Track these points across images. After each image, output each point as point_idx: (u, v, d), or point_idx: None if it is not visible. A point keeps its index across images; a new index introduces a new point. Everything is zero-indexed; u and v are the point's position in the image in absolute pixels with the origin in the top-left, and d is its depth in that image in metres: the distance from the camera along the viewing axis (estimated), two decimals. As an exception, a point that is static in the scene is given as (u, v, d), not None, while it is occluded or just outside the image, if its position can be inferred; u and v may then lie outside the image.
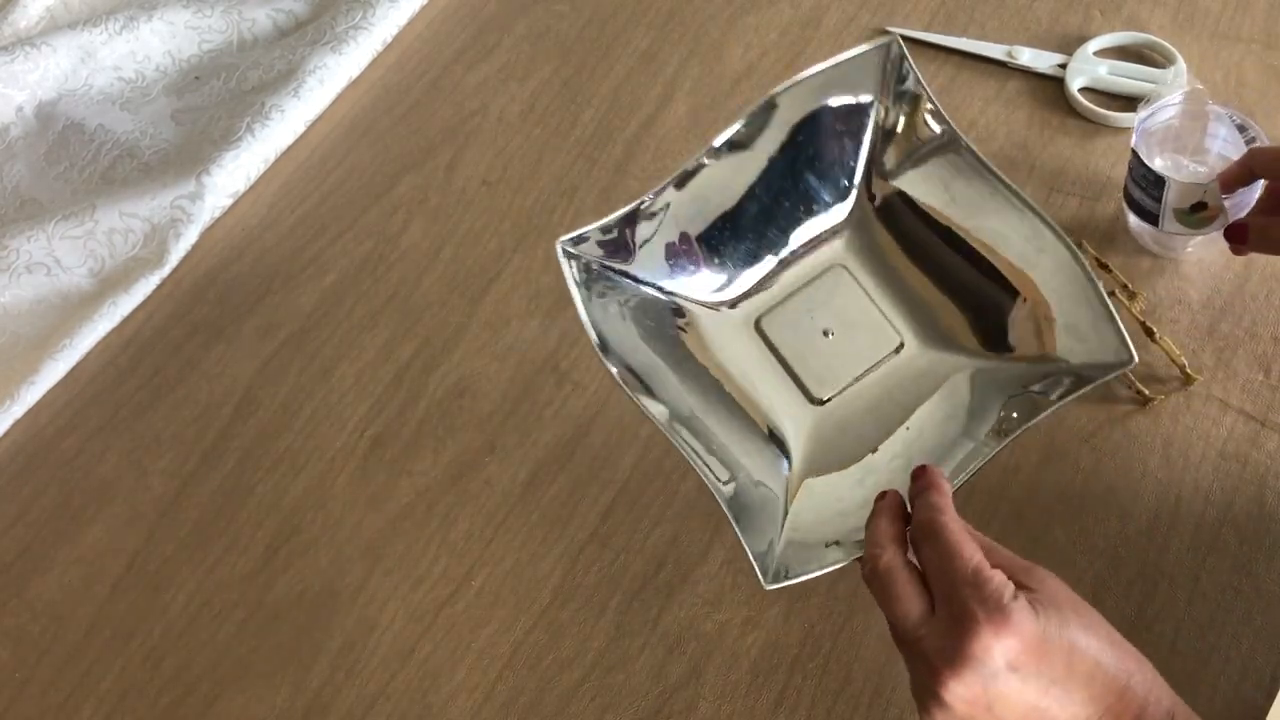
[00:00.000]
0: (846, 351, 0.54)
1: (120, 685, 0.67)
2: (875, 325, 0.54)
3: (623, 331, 0.53)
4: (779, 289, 0.55)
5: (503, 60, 0.92)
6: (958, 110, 0.83)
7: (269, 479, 0.73)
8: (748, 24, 0.92)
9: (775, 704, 0.63)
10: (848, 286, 0.55)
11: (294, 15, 0.96)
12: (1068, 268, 0.52)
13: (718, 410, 0.54)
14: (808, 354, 0.54)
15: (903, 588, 0.45)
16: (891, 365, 0.54)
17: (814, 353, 0.54)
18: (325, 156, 0.88)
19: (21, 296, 0.81)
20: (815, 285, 0.55)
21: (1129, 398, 0.70)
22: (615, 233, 0.53)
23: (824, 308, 0.54)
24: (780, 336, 0.54)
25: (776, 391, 0.54)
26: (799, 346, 0.54)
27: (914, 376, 0.54)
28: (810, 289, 0.54)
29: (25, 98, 0.91)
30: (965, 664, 0.42)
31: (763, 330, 0.54)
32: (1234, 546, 0.65)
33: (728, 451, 0.53)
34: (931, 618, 0.44)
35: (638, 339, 0.53)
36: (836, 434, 0.54)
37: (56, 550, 0.72)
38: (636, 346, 0.53)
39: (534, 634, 0.66)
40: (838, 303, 0.54)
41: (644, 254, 0.54)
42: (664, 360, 0.54)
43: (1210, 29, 0.86)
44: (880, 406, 0.54)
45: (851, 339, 0.54)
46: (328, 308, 0.80)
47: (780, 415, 0.54)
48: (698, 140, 0.85)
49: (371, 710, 0.64)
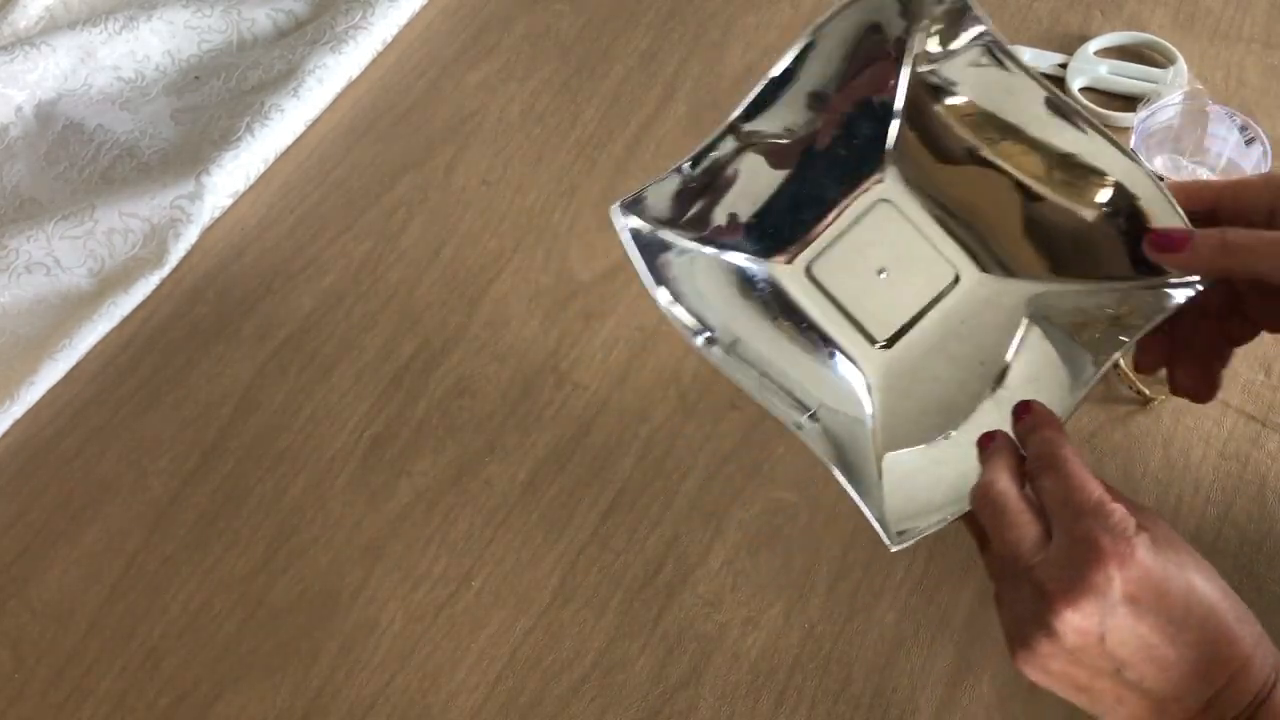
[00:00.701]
0: (904, 289, 0.52)
1: (120, 685, 0.67)
2: (928, 260, 0.52)
3: (685, 291, 0.51)
4: (828, 233, 0.52)
5: (503, 60, 0.92)
6: (958, 110, 0.84)
7: (269, 479, 0.73)
8: (748, 24, 0.92)
9: (775, 704, 0.63)
10: (895, 221, 0.52)
11: (294, 15, 0.96)
12: (1142, 185, 0.49)
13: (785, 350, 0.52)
14: (863, 295, 0.52)
15: (1018, 515, 0.44)
16: (958, 299, 0.52)
17: (869, 294, 0.52)
18: (325, 156, 0.88)
19: (21, 296, 0.81)
20: (861, 225, 0.52)
21: (1129, 398, 0.70)
22: (659, 197, 0.51)
23: (876, 244, 0.52)
24: (833, 280, 0.52)
25: (841, 338, 0.52)
26: (854, 288, 0.52)
27: (985, 313, 0.52)
28: (859, 228, 0.52)
29: (25, 97, 0.91)
30: (1085, 592, 0.41)
31: (814, 277, 0.52)
32: (1234, 546, 0.65)
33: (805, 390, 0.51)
34: (1047, 545, 0.43)
35: (697, 298, 0.51)
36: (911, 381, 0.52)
37: (56, 550, 0.72)
38: (700, 305, 0.51)
39: (534, 634, 0.66)
40: (888, 240, 0.52)
41: (694, 216, 0.52)
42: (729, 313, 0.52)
43: (1211, 29, 0.86)
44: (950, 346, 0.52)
45: (908, 275, 0.51)
46: (327, 308, 0.80)
47: (847, 364, 0.52)
48: (697, 140, 0.85)
49: (371, 710, 0.64)
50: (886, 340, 0.52)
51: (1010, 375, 0.51)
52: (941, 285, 0.52)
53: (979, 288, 0.52)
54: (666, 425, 0.72)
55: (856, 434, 0.50)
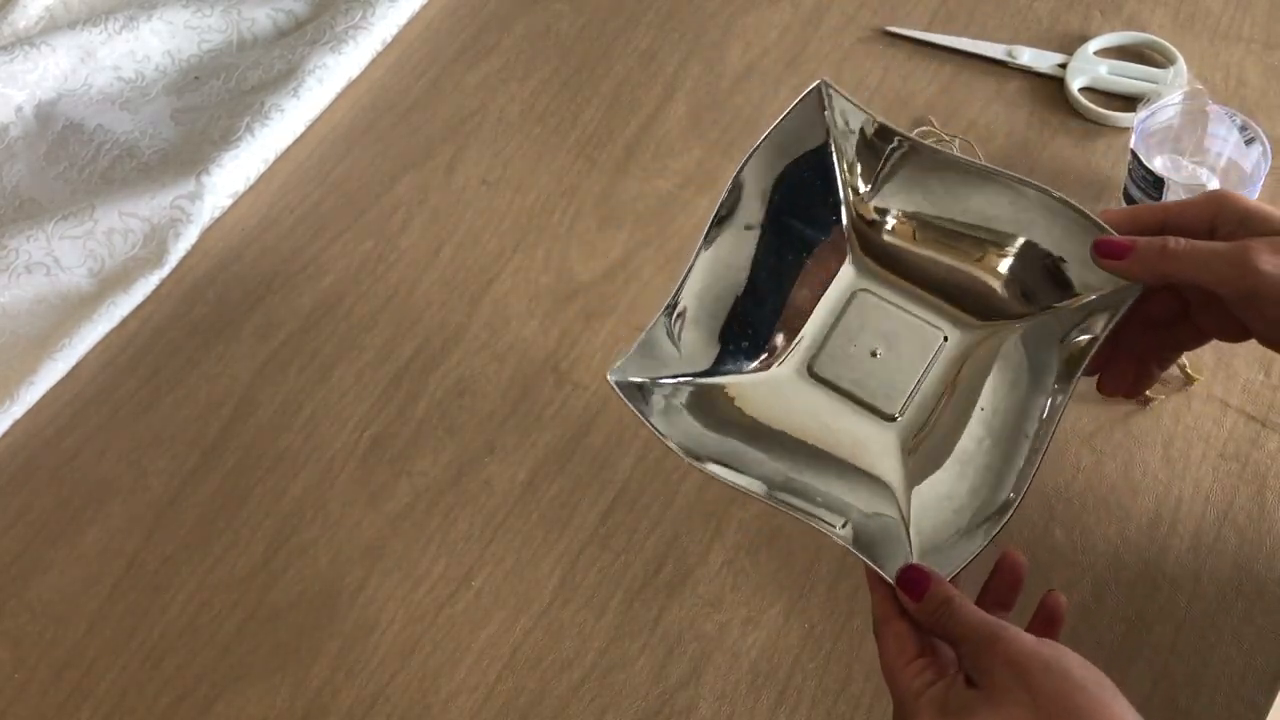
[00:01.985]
0: (900, 363, 0.55)
1: (120, 685, 0.67)
2: (915, 329, 0.56)
3: (691, 429, 0.54)
4: (816, 332, 0.57)
5: (503, 60, 0.92)
6: (958, 110, 0.84)
7: (269, 479, 0.73)
8: (748, 24, 0.92)
9: (775, 704, 0.63)
10: (875, 306, 0.57)
11: (294, 15, 0.96)
12: (1058, 212, 0.54)
13: (807, 464, 0.55)
14: (866, 379, 0.56)
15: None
16: (945, 358, 0.56)
17: (871, 376, 0.56)
18: (325, 156, 0.88)
19: (21, 296, 0.81)
20: (846, 317, 0.57)
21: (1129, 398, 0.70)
22: (652, 346, 0.54)
23: (863, 332, 0.56)
24: (835, 373, 0.56)
25: (854, 424, 0.56)
26: (855, 375, 0.56)
27: (970, 360, 0.56)
28: (844, 321, 0.56)
29: (25, 97, 0.91)
30: None
31: (816, 374, 0.56)
32: (1234, 546, 0.65)
33: (833, 498, 0.54)
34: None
35: (705, 430, 0.54)
36: (922, 439, 0.55)
37: (56, 550, 0.72)
38: (706, 436, 0.54)
39: (534, 634, 0.66)
40: (873, 323, 0.56)
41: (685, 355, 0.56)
42: (739, 439, 0.55)
43: (1211, 29, 0.86)
44: (951, 399, 0.55)
45: (899, 351, 0.56)
46: (327, 308, 0.80)
47: (866, 444, 0.55)
48: (697, 140, 0.85)
49: (371, 710, 0.64)
50: (900, 410, 0.55)
51: (989, 405, 0.55)
52: (934, 348, 0.56)
53: (966, 340, 0.56)
54: (666, 425, 0.72)
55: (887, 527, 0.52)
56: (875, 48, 0.88)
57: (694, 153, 0.84)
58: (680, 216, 0.81)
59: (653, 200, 0.82)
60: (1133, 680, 0.61)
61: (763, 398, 0.56)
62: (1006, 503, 0.51)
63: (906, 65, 0.87)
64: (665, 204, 0.82)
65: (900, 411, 0.55)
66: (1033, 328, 0.55)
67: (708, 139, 0.85)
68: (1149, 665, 0.62)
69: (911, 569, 0.48)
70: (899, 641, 0.48)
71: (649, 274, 0.79)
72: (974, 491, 0.52)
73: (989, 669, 0.45)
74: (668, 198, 0.82)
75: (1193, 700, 0.61)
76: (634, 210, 0.82)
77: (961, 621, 0.47)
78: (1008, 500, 0.51)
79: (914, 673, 0.46)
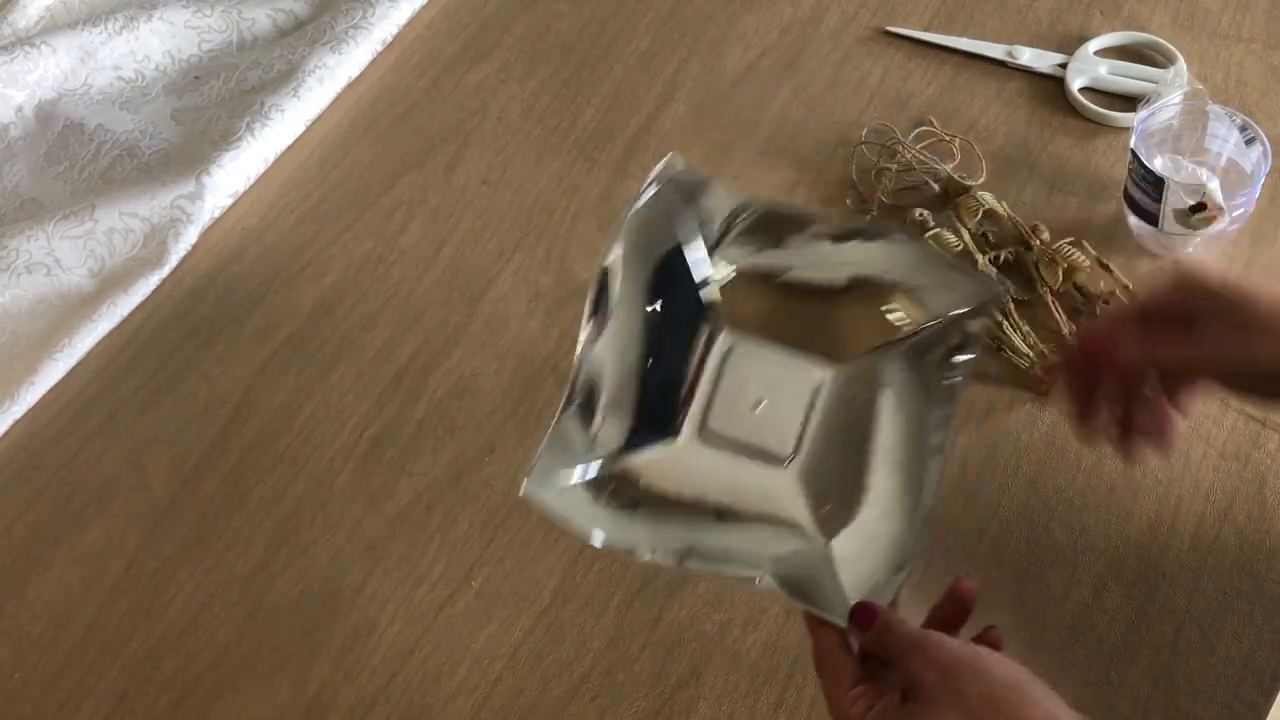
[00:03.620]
0: (784, 409, 0.58)
1: (120, 685, 0.67)
2: (792, 374, 0.58)
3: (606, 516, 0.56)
4: (704, 396, 0.58)
5: (503, 60, 0.92)
6: (958, 110, 0.84)
7: (269, 479, 0.73)
8: (748, 24, 0.92)
9: (775, 704, 0.63)
10: (752, 360, 0.59)
11: (294, 15, 0.96)
12: (900, 248, 0.58)
13: (721, 524, 0.57)
14: (756, 429, 0.58)
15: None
16: (827, 396, 0.58)
17: (761, 426, 0.58)
18: (325, 156, 0.88)
19: (21, 296, 0.81)
20: (727, 376, 0.58)
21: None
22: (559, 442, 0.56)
23: (745, 385, 0.58)
24: (728, 430, 0.58)
25: (756, 475, 0.58)
26: (746, 428, 0.58)
27: (853, 395, 0.58)
28: (725, 381, 0.58)
29: (25, 97, 0.91)
30: None
31: (711, 434, 0.58)
32: (1234, 546, 0.65)
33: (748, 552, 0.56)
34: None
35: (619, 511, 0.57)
36: (829, 483, 0.57)
37: (56, 550, 0.72)
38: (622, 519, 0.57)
39: (534, 634, 0.66)
40: (754, 377, 0.58)
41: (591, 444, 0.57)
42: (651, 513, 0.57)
43: (1210, 29, 0.86)
44: (845, 437, 0.58)
45: (781, 397, 0.58)
46: (328, 308, 0.80)
47: (771, 492, 0.57)
48: (697, 140, 0.85)
49: (371, 710, 0.64)
50: (792, 450, 0.57)
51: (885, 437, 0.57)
52: (812, 388, 0.58)
53: (842, 376, 0.58)
54: (666, 425, 0.72)
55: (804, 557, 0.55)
56: (875, 48, 0.88)
57: (694, 153, 0.84)
58: (680, 216, 0.81)
59: (653, 200, 0.82)
60: (1133, 680, 0.61)
61: (667, 470, 0.58)
62: (925, 520, 0.54)
63: (906, 65, 0.87)
64: (665, 204, 0.82)
65: (793, 451, 0.57)
66: (905, 352, 0.58)
67: (708, 139, 0.85)
68: (1149, 665, 0.62)
69: (860, 606, 0.51)
70: (838, 674, 0.50)
71: (649, 274, 0.79)
72: (893, 523, 0.54)
73: (920, 676, 0.47)
74: (668, 198, 0.82)
75: (1192, 700, 0.61)
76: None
77: (896, 635, 0.49)
78: (925, 517, 0.54)
79: (853, 699, 0.49)
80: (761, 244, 0.60)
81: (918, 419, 0.56)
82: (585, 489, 0.57)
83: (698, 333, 0.59)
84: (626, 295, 0.58)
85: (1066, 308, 0.72)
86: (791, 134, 0.84)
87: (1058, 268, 0.73)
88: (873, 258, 0.59)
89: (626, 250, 0.58)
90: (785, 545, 0.56)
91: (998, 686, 0.46)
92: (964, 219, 0.76)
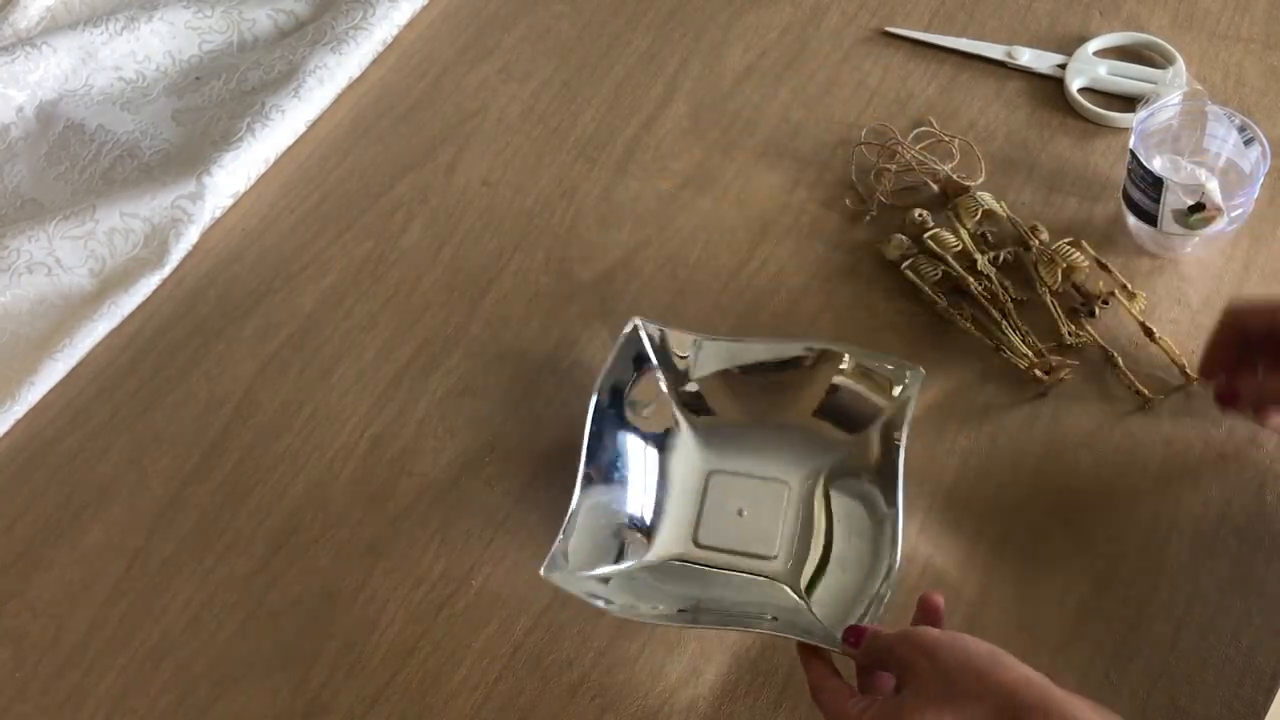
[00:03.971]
0: (763, 515, 0.67)
1: (120, 685, 0.67)
2: (765, 487, 0.68)
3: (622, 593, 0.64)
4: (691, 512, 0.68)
5: (503, 60, 0.92)
6: (957, 111, 0.84)
7: (269, 479, 0.73)
8: (748, 24, 0.92)
9: (775, 704, 0.63)
10: (730, 478, 0.68)
11: (294, 15, 0.96)
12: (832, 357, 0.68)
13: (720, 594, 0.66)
14: (741, 535, 0.67)
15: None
16: (795, 497, 0.68)
17: (745, 531, 0.67)
18: (325, 157, 0.88)
19: (22, 296, 0.81)
20: (710, 494, 0.68)
21: (1129, 398, 0.70)
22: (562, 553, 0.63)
23: (727, 500, 0.68)
24: (717, 539, 0.67)
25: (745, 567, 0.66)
26: (732, 535, 0.67)
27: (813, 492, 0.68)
28: (709, 498, 0.68)
29: (26, 98, 0.91)
30: None
31: (701, 544, 0.67)
32: (1234, 546, 0.65)
33: (751, 604, 0.64)
34: None
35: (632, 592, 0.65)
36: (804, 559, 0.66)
37: (56, 550, 0.72)
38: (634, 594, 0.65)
39: (534, 634, 0.66)
40: (733, 492, 0.68)
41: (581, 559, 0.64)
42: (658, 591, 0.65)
43: (1210, 29, 0.86)
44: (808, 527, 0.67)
45: (759, 507, 0.67)
46: (328, 308, 0.80)
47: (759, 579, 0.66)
48: (697, 140, 0.85)
49: (371, 710, 0.64)
50: (776, 550, 0.66)
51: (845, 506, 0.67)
52: (784, 496, 0.68)
53: (804, 474, 0.68)
54: (666, 425, 0.72)
55: (796, 615, 0.64)
56: (875, 48, 0.88)
57: (694, 153, 0.85)
58: (680, 216, 0.81)
59: (653, 200, 0.82)
60: (1132, 680, 0.61)
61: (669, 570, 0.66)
62: (890, 570, 0.60)
63: (906, 66, 0.87)
64: (665, 204, 0.82)
65: (777, 551, 0.66)
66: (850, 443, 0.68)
67: (708, 139, 0.85)
68: (1149, 665, 0.62)
69: (850, 629, 0.58)
70: (836, 693, 0.56)
71: (649, 274, 0.79)
72: (860, 575, 0.63)
73: (908, 659, 0.53)
74: (668, 198, 0.82)
75: (1192, 700, 0.61)
76: (634, 210, 0.82)
77: (884, 637, 0.56)
78: (890, 567, 0.61)
79: (852, 704, 0.54)
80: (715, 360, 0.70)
81: (866, 494, 0.65)
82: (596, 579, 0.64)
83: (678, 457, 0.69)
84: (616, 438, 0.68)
85: (1065, 308, 0.73)
86: (791, 134, 0.85)
87: (1057, 268, 0.73)
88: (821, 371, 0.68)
89: (606, 402, 0.68)
90: (779, 602, 0.64)
91: (973, 656, 0.51)
92: (963, 219, 0.76)
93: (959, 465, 0.69)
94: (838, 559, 0.65)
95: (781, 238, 0.79)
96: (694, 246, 0.80)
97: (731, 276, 0.78)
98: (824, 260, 0.78)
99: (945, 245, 0.75)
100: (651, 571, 0.66)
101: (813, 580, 0.65)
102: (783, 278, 0.77)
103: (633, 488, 0.68)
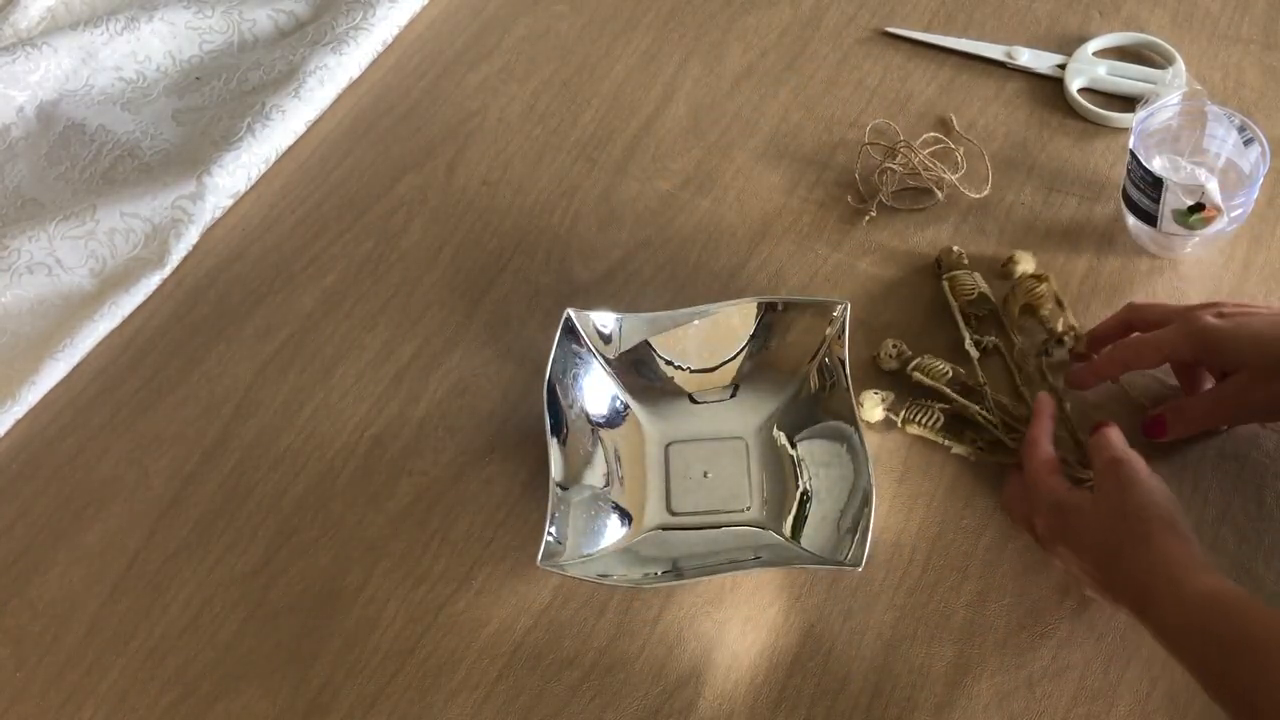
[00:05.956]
0: (728, 473, 0.70)
1: (120, 685, 0.67)
2: (724, 447, 0.70)
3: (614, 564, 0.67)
4: (658, 484, 0.70)
5: (503, 60, 0.92)
6: (957, 111, 0.84)
7: (270, 478, 0.73)
8: (748, 24, 0.92)
9: (775, 704, 0.63)
10: (688, 445, 0.71)
11: (294, 16, 0.96)
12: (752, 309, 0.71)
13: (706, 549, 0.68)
14: (712, 496, 0.69)
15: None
16: (756, 450, 0.70)
17: (714, 492, 0.69)
18: (326, 157, 0.88)
19: (22, 296, 0.81)
20: (672, 463, 0.70)
21: (1128, 398, 0.70)
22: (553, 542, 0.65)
23: (691, 467, 0.70)
24: (690, 504, 0.69)
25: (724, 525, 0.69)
26: (703, 497, 0.69)
27: (770, 441, 0.70)
28: (671, 470, 0.70)
29: (26, 98, 0.91)
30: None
31: (675, 511, 0.69)
32: (1234, 546, 0.65)
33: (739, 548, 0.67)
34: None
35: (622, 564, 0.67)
36: (780, 506, 0.68)
37: (56, 550, 0.72)
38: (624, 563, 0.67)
39: (534, 634, 0.66)
40: (694, 458, 0.70)
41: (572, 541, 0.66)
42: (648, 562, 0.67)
43: (1209, 29, 0.86)
44: (777, 474, 0.70)
45: (722, 466, 0.70)
46: (328, 308, 0.80)
47: (739, 532, 0.68)
48: (697, 140, 0.85)
49: (371, 710, 0.64)
50: (748, 503, 0.68)
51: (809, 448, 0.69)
52: (742, 451, 0.70)
53: (760, 424, 0.71)
54: (666, 425, 0.72)
55: (780, 545, 0.67)
56: (875, 48, 0.89)
57: (694, 153, 0.85)
58: (680, 216, 0.81)
59: (653, 200, 0.82)
60: (1132, 679, 0.61)
61: (654, 541, 0.68)
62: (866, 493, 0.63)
63: (906, 66, 0.87)
64: (665, 204, 0.82)
65: (749, 503, 0.68)
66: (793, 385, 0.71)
67: (708, 139, 0.85)
68: (1149, 664, 0.62)
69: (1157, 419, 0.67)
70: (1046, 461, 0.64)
71: (649, 274, 0.79)
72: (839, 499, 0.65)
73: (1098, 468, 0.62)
74: (668, 198, 0.82)
75: (1192, 699, 0.61)
76: (634, 210, 0.82)
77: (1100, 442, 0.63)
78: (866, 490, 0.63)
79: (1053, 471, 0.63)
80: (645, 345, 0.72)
81: (825, 429, 0.68)
82: (588, 562, 0.65)
83: (635, 435, 0.71)
84: (575, 426, 0.70)
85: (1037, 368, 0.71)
86: (791, 134, 0.85)
87: (1019, 306, 0.72)
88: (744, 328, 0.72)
89: (559, 392, 0.69)
90: (765, 542, 0.67)
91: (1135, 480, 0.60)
92: (956, 295, 0.74)
93: (958, 465, 0.69)
94: (814, 493, 0.67)
95: (781, 238, 0.79)
96: (694, 246, 0.80)
97: (731, 276, 0.78)
98: (823, 260, 0.78)
99: (935, 375, 0.71)
100: (638, 546, 0.67)
101: (797, 518, 0.67)
102: (782, 278, 0.78)
103: (601, 471, 0.69)
